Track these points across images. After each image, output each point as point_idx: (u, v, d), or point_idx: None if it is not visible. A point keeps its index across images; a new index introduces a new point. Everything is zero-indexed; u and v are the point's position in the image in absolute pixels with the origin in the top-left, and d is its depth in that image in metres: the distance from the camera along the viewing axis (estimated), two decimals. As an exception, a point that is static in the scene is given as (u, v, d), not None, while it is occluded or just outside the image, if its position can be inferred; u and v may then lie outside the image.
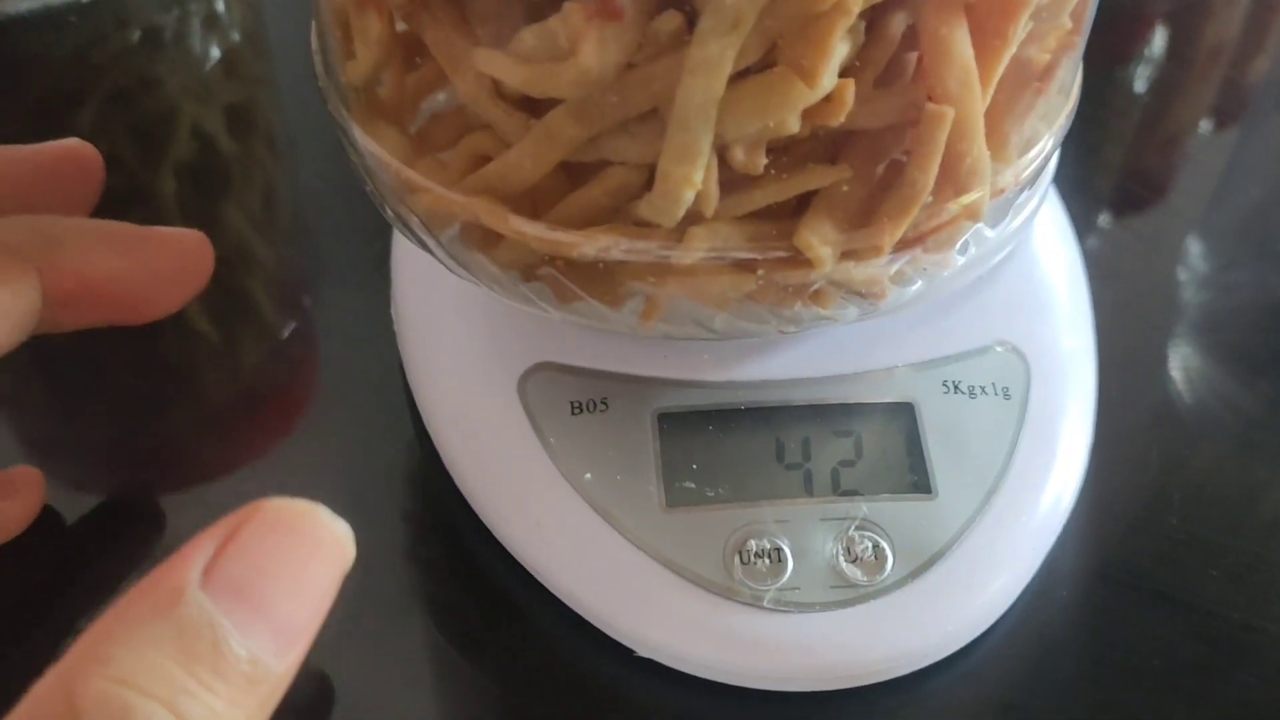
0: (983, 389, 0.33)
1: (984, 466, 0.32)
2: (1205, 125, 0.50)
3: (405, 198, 0.29)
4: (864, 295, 0.28)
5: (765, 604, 0.30)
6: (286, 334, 0.41)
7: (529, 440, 0.32)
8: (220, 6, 0.54)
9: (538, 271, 0.28)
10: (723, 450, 0.32)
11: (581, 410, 0.32)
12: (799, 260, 0.27)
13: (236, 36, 0.54)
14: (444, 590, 0.33)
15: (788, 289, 0.27)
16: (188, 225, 0.40)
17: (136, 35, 0.51)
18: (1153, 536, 0.34)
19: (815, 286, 0.27)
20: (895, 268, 0.28)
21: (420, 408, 0.34)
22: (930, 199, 0.27)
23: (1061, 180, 0.36)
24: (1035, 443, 0.32)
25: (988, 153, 0.27)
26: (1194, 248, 0.44)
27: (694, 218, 0.26)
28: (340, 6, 0.28)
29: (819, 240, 0.26)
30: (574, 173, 0.27)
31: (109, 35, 0.51)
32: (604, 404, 0.32)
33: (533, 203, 0.27)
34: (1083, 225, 0.38)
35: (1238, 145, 0.49)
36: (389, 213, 0.30)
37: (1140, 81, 0.52)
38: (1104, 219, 0.44)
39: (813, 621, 0.29)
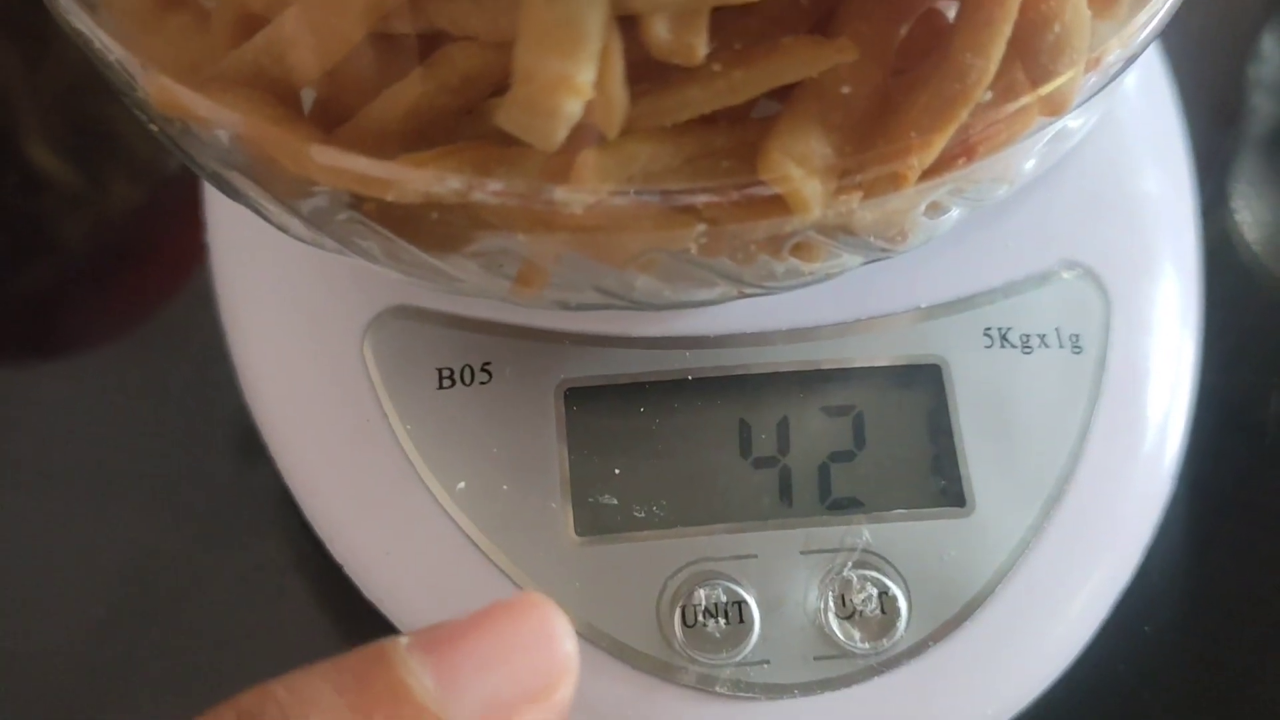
0: (1041, 339, 0.23)
1: (1042, 461, 0.23)
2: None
3: (134, 78, 0.18)
4: (873, 243, 0.18)
5: (719, 688, 0.21)
6: (166, 172, 0.34)
7: (376, 424, 0.23)
8: None
9: (339, 215, 0.17)
10: (659, 444, 0.22)
11: (453, 381, 0.23)
12: (766, 201, 0.16)
13: None
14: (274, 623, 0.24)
15: (751, 242, 0.17)
16: (13, 44, 0.36)
17: None
18: (1274, 539, 0.24)
19: (797, 238, 0.17)
20: (926, 201, 0.17)
21: (237, 370, 0.24)
22: (989, 95, 0.16)
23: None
24: (1116, 418, 0.23)
25: (1088, 12, 0.16)
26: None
27: (588, 134, 0.15)
28: None
29: (801, 167, 0.16)
30: (398, 50, 0.16)
31: None
32: (486, 372, 0.22)
33: (334, 99, 0.17)
34: (1187, 81, 0.27)
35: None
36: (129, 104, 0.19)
37: None
38: (1219, 72, 0.32)
39: (788, 712, 0.21)
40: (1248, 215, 0.29)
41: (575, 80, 0.14)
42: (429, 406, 0.22)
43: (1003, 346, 0.23)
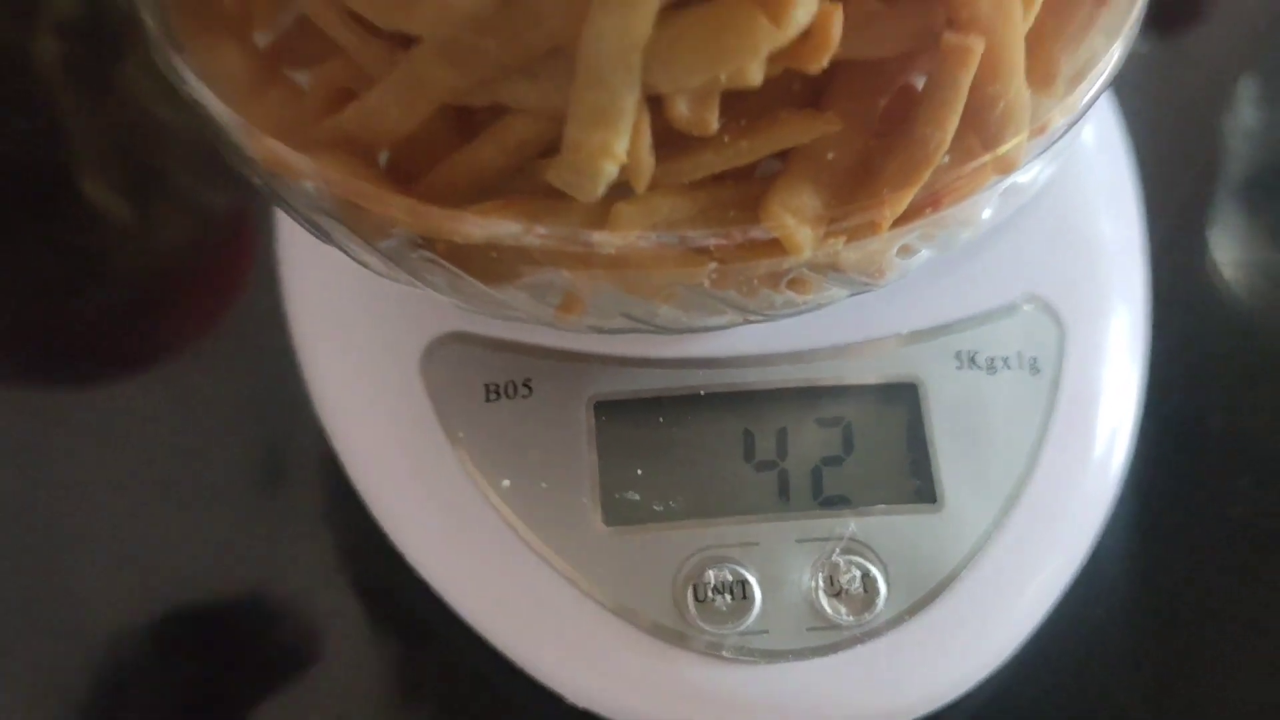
0: (1004, 361, 0.26)
1: (1004, 464, 0.26)
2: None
3: (243, 141, 0.22)
4: (855, 279, 0.21)
5: (725, 653, 0.24)
6: (212, 211, 0.36)
7: (432, 433, 0.26)
8: None
9: (412, 254, 0.21)
10: (676, 449, 0.26)
11: (499, 395, 0.26)
12: (767, 244, 0.19)
13: None
14: (339, 608, 0.27)
15: (754, 277, 0.20)
16: (78, 91, 0.38)
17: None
18: (1215, 539, 0.28)
19: (792, 274, 0.20)
20: (898, 244, 0.21)
21: (308, 384, 0.28)
22: (947, 159, 0.19)
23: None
24: (1068, 429, 0.26)
25: (1028, 91, 0.19)
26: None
27: (622, 190, 0.19)
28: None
29: (795, 217, 0.19)
30: (465, 119, 0.20)
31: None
32: (527, 387, 0.26)
33: (410, 157, 0.20)
34: (1139, 131, 0.31)
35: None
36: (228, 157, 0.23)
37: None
38: (1166, 120, 0.36)
39: (784, 673, 0.24)
40: (1194, 254, 0.33)
41: (613, 149, 0.17)
42: (478, 417, 0.26)
43: (971, 368, 0.26)
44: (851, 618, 0.24)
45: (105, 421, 0.31)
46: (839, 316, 0.26)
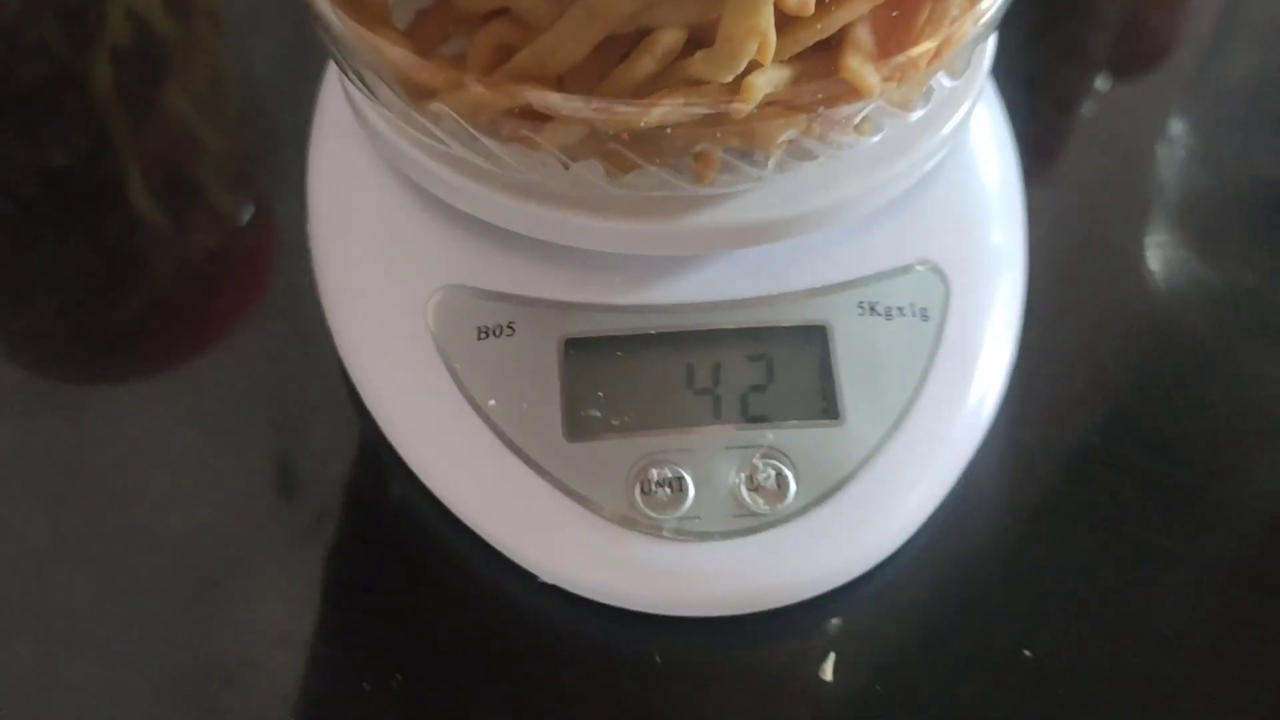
0: (899, 310, 0.32)
1: (895, 391, 0.31)
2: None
3: (423, 102, 0.27)
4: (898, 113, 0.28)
5: (665, 533, 0.29)
6: (239, 220, 0.41)
7: (434, 364, 0.31)
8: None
9: (599, 148, 0.27)
10: (630, 377, 0.31)
11: (488, 335, 0.31)
12: (849, 91, 0.26)
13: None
14: (354, 510, 0.33)
15: (836, 122, 0.27)
16: (127, 113, 0.41)
17: (59, -80, 0.49)
18: (1072, 457, 0.34)
19: (862, 114, 0.27)
20: (929, 81, 0.28)
21: (330, 324, 0.34)
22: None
23: (1001, 77, 0.35)
24: (950, 365, 0.32)
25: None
26: (1163, 140, 0.42)
27: (750, 67, 0.25)
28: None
29: (866, 68, 0.26)
30: (605, 48, 0.26)
31: (28, -78, 0.48)
32: (510, 329, 0.31)
33: (578, 80, 0.26)
34: (1023, 122, 0.37)
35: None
36: (404, 121, 0.28)
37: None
38: (1046, 113, 0.43)
39: (711, 550, 0.29)
40: (1067, 225, 0.39)
41: (760, 28, 0.24)
42: (470, 352, 0.31)
43: (871, 315, 0.32)
44: (767, 507, 0.30)
45: (149, 403, 0.35)
46: (768, 271, 0.32)
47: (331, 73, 0.37)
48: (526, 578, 0.31)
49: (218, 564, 0.32)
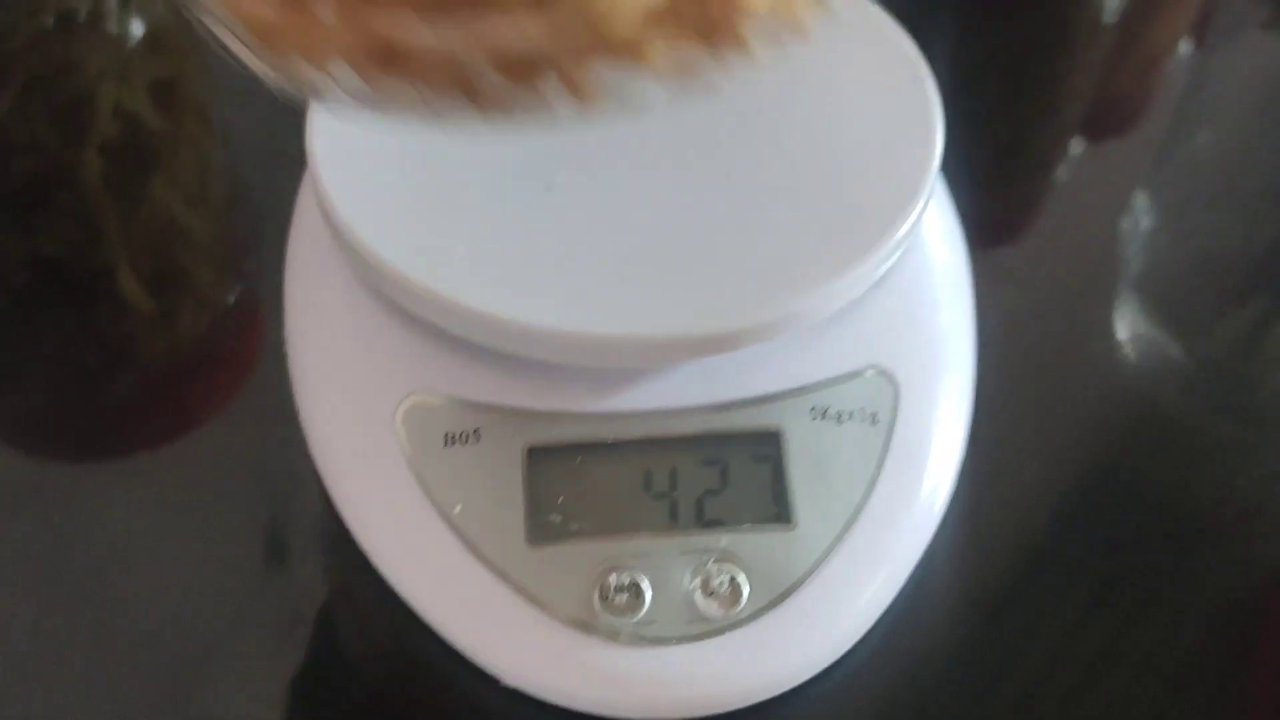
0: (850, 415, 0.33)
1: (846, 494, 0.32)
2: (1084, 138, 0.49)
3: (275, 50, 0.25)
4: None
5: (621, 638, 0.30)
6: (226, 303, 0.42)
7: (402, 469, 0.32)
8: (140, -18, 0.53)
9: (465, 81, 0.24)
10: (590, 484, 0.32)
11: (454, 442, 0.33)
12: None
13: (160, 8, 0.54)
14: (326, 610, 0.34)
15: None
16: (114, 204, 0.43)
17: (51, 21, 0.50)
18: (1023, 556, 0.35)
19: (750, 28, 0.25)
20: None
21: (303, 424, 0.35)
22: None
23: (951, 175, 0.36)
24: (899, 468, 0.33)
25: None
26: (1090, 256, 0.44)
27: None
28: None
29: None
30: None
31: (20, 23, 0.50)
32: (476, 435, 0.33)
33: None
34: (973, 217, 0.38)
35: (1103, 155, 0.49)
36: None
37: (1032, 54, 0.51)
38: (996, 213, 0.44)
39: (667, 655, 0.30)
40: (1016, 329, 0.40)
41: None
42: (437, 459, 0.32)
43: (823, 420, 0.33)
44: (721, 612, 0.31)
45: (135, 484, 0.37)
46: (724, 378, 0.33)
47: (309, 179, 0.38)
48: (493, 681, 0.32)
49: (190, 659, 0.33)
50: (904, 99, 0.36)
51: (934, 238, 0.37)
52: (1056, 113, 0.50)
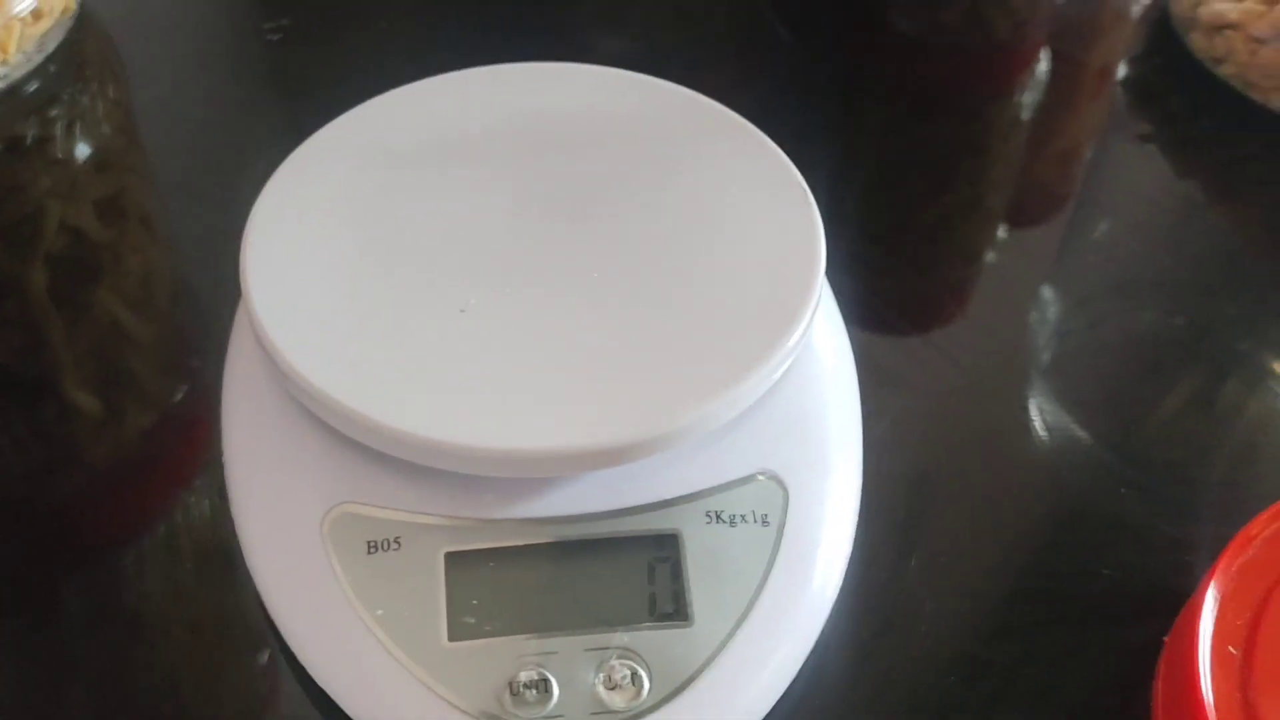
0: (743, 518, 0.36)
1: (739, 592, 0.35)
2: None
3: None
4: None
5: (531, 732, 0.33)
6: (172, 401, 0.44)
7: (328, 576, 0.35)
8: (86, 104, 0.56)
9: None
10: (503, 585, 0.35)
11: (377, 549, 0.35)
12: None
13: (106, 130, 0.56)
14: (253, 714, 0.36)
15: None
16: (61, 309, 0.45)
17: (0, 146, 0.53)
18: (909, 646, 0.37)
19: None
20: None
21: (237, 530, 0.37)
22: None
23: (837, 284, 0.39)
24: (790, 566, 0.36)
25: None
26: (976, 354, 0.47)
27: None
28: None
29: None
30: None
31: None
32: (397, 544, 0.35)
33: None
34: (859, 322, 0.41)
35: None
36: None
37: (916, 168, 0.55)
38: (881, 311, 0.47)
39: None
40: (900, 430, 0.43)
41: None
42: (361, 565, 0.34)
43: (717, 522, 0.35)
44: (623, 705, 0.33)
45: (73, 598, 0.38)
46: (627, 485, 0.36)
47: (244, 305, 0.41)
48: (411, 773, 0.34)
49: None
50: (788, 214, 0.39)
51: (822, 345, 0.40)
52: (944, 217, 0.53)
